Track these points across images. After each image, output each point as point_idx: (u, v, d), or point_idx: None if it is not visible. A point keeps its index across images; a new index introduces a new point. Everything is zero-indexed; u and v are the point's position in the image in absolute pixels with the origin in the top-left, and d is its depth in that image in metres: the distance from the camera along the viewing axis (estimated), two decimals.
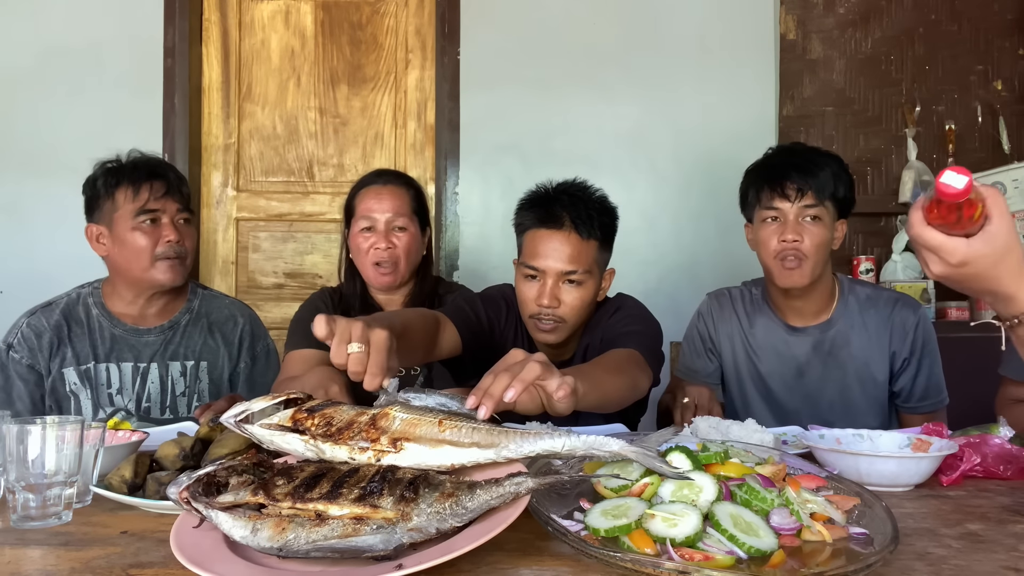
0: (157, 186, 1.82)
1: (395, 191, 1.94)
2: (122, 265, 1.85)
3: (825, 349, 1.79)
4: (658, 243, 2.97)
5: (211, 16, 3.15)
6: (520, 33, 3.02)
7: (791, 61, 3.05)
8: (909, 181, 2.92)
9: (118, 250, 1.83)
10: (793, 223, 1.69)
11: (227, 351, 1.97)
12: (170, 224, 1.83)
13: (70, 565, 0.80)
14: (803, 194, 1.67)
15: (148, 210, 1.81)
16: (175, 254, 1.83)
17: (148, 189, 1.81)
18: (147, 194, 1.81)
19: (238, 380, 1.99)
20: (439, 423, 0.86)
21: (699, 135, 3.00)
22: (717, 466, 0.91)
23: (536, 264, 1.57)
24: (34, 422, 0.94)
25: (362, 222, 1.92)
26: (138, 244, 1.81)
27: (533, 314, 1.59)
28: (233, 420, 0.91)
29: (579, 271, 1.56)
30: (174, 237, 1.82)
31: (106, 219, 1.84)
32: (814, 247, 1.68)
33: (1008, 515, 0.98)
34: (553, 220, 1.57)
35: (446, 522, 0.76)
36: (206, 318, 1.97)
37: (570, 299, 1.56)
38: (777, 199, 1.69)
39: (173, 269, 1.83)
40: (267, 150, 3.16)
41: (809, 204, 1.68)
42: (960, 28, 3.04)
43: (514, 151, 3.01)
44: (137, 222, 1.80)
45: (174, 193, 1.84)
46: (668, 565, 0.72)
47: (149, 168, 1.84)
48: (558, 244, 1.56)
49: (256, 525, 0.77)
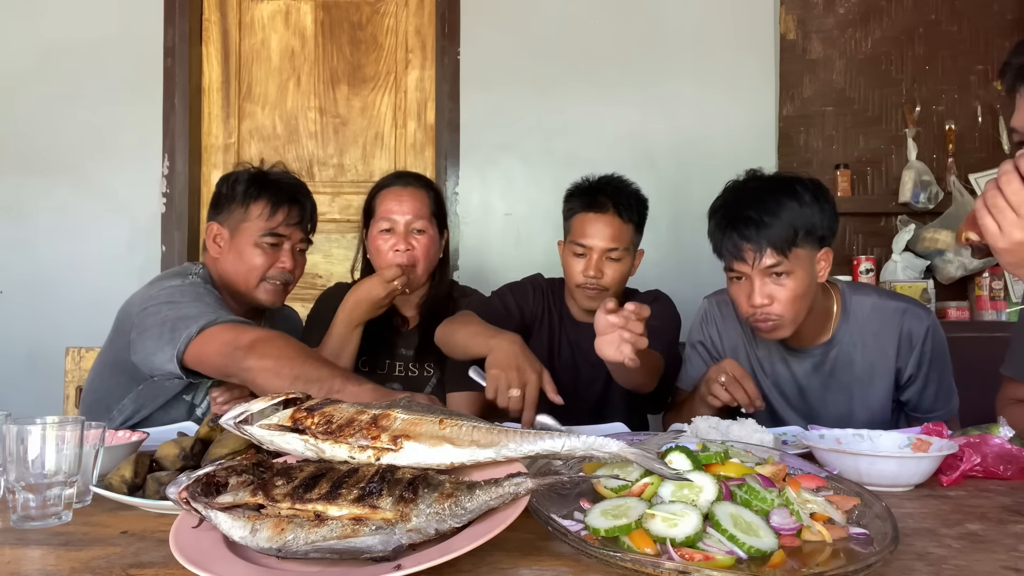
0: (293, 213, 1.81)
1: (415, 193, 1.94)
2: (230, 273, 1.81)
3: (826, 370, 1.71)
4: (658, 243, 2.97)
5: (211, 16, 3.15)
6: (520, 33, 3.02)
7: (791, 61, 3.05)
8: (909, 181, 2.92)
9: (232, 258, 1.80)
10: (760, 286, 1.55)
11: None
12: (290, 251, 1.82)
13: (70, 565, 0.80)
14: (760, 252, 1.52)
15: (276, 234, 1.79)
16: (283, 280, 1.82)
17: (284, 213, 1.79)
18: (282, 217, 1.79)
19: None
20: (439, 422, 0.86)
21: (699, 135, 3.00)
22: (717, 466, 0.91)
23: (584, 242, 1.83)
24: (34, 422, 0.94)
25: (382, 223, 1.92)
26: (254, 262, 1.79)
27: (580, 284, 1.84)
28: (232, 422, 0.91)
29: (619, 248, 1.82)
30: (289, 265, 1.82)
31: (231, 224, 1.81)
32: (788, 302, 1.55)
33: (1008, 515, 0.98)
34: (599, 206, 1.83)
35: (445, 523, 0.76)
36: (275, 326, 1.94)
37: (611, 272, 1.83)
38: (735, 263, 1.56)
39: (277, 294, 1.83)
40: (267, 150, 3.16)
41: (771, 264, 1.52)
42: (960, 28, 3.04)
43: (514, 151, 3.01)
44: (261, 240, 1.78)
45: (305, 223, 1.84)
46: (668, 565, 0.72)
47: (292, 191, 1.82)
48: (603, 226, 1.82)
49: (255, 525, 0.77)
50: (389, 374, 1.95)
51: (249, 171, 1.85)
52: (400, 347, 1.98)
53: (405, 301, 2.01)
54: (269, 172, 1.86)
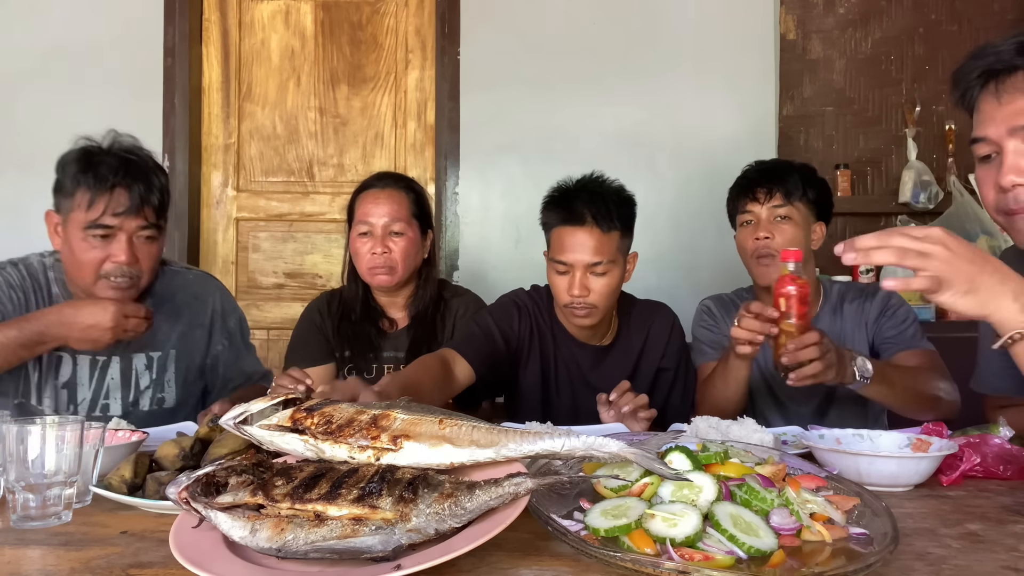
0: (119, 199, 1.57)
1: (392, 195, 1.93)
2: (69, 268, 1.64)
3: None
4: (658, 243, 2.97)
5: (211, 16, 3.15)
6: (520, 33, 3.02)
7: (791, 61, 3.05)
8: (909, 181, 2.92)
9: (67, 252, 1.62)
10: (765, 223, 1.80)
11: (199, 335, 1.79)
12: (125, 243, 1.58)
13: (70, 565, 0.80)
14: (771, 196, 1.80)
15: (101, 225, 1.56)
16: (122, 275, 1.59)
17: (106, 201, 1.55)
18: (103, 207, 1.56)
19: (217, 364, 1.82)
20: (439, 422, 0.86)
21: (699, 135, 3.00)
22: (717, 466, 0.91)
23: (564, 258, 1.70)
24: (34, 422, 0.94)
25: (360, 227, 1.93)
26: (83, 257, 1.58)
27: (567, 304, 1.73)
28: (232, 422, 0.91)
29: (603, 261, 1.69)
30: (123, 258, 1.57)
31: (64, 213, 1.61)
32: (786, 242, 1.76)
33: (1008, 515, 0.98)
34: (576, 218, 1.69)
35: (445, 523, 0.76)
36: (170, 302, 1.76)
37: (598, 287, 1.70)
38: (749, 203, 1.82)
39: (117, 290, 1.59)
40: (267, 150, 3.16)
41: (777, 204, 1.79)
42: (960, 28, 3.04)
43: (514, 151, 3.01)
44: (86, 234, 1.57)
45: (136, 209, 1.58)
46: (668, 565, 0.72)
47: (118, 173, 1.57)
48: (582, 239, 1.69)
49: (255, 525, 0.77)
50: (379, 376, 1.93)
51: (82, 149, 1.62)
52: (387, 349, 1.97)
53: (391, 302, 2.00)
54: (95, 151, 1.61)
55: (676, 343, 1.86)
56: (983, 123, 1.15)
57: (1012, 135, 1.11)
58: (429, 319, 1.97)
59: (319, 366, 1.94)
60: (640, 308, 1.88)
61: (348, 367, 1.95)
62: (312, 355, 1.94)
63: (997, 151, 1.14)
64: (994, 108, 1.13)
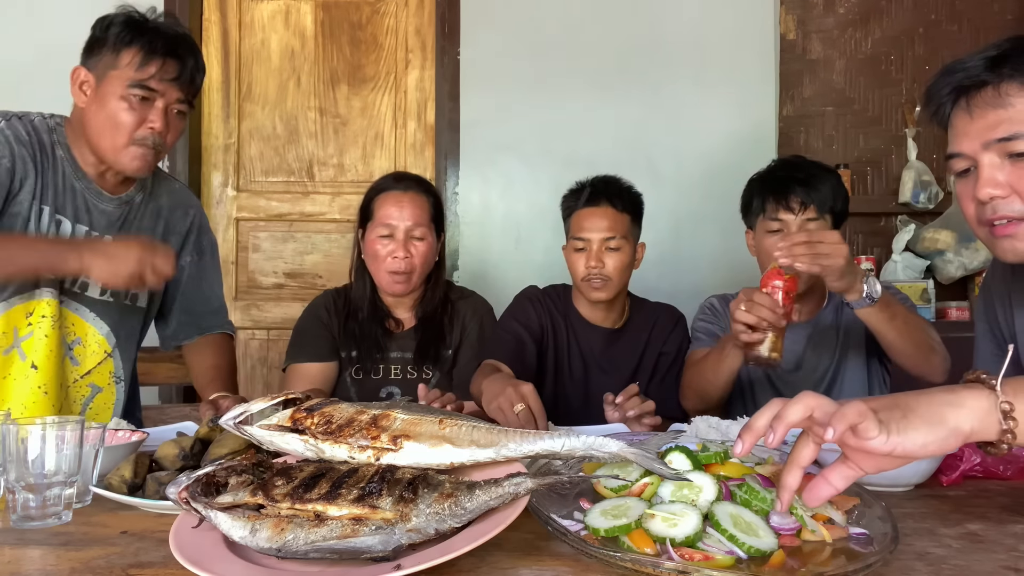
0: (170, 67, 1.58)
1: (415, 199, 1.91)
2: (95, 129, 1.60)
3: (815, 340, 1.88)
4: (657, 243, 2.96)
5: (211, 16, 3.15)
6: (520, 33, 3.02)
7: (791, 61, 3.05)
8: (909, 181, 2.92)
9: (95, 110, 1.59)
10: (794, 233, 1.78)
11: (173, 241, 1.78)
12: (162, 111, 1.59)
13: (70, 565, 0.80)
14: (806, 208, 1.77)
15: (146, 86, 1.56)
16: (152, 144, 1.60)
17: (158, 65, 1.57)
18: (154, 69, 1.56)
19: (181, 276, 1.81)
20: (439, 422, 0.86)
21: (699, 135, 3.00)
22: (717, 466, 0.91)
23: (583, 235, 1.90)
24: (34, 422, 0.94)
25: (380, 229, 1.89)
26: (119, 118, 1.57)
27: (584, 277, 1.90)
28: (232, 422, 0.91)
29: (617, 237, 1.89)
30: (159, 126, 1.58)
31: (99, 71, 1.59)
32: None
33: (1008, 515, 0.98)
34: (593, 200, 1.92)
35: (445, 523, 0.76)
36: (157, 200, 1.77)
37: (612, 261, 1.89)
38: (782, 211, 1.78)
39: (144, 159, 1.60)
40: (267, 150, 3.16)
41: (811, 217, 1.77)
42: (960, 28, 3.04)
43: (514, 151, 3.01)
44: (129, 93, 1.56)
45: (183, 81, 1.61)
46: (668, 565, 0.72)
47: (172, 43, 1.59)
48: (598, 218, 1.90)
49: (255, 525, 0.77)
50: (385, 377, 1.94)
51: (129, 15, 1.61)
52: (394, 350, 1.96)
53: (398, 303, 1.99)
54: (150, 19, 1.62)
55: (679, 334, 2.00)
56: (957, 139, 1.17)
57: (986, 149, 1.13)
58: (437, 321, 1.97)
59: (322, 363, 1.93)
60: (650, 304, 2.05)
61: (355, 367, 1.94)
62: (317, 351, 1.93)
63: (974, 165, 1.16)
64: (967, 123, 1.15)
